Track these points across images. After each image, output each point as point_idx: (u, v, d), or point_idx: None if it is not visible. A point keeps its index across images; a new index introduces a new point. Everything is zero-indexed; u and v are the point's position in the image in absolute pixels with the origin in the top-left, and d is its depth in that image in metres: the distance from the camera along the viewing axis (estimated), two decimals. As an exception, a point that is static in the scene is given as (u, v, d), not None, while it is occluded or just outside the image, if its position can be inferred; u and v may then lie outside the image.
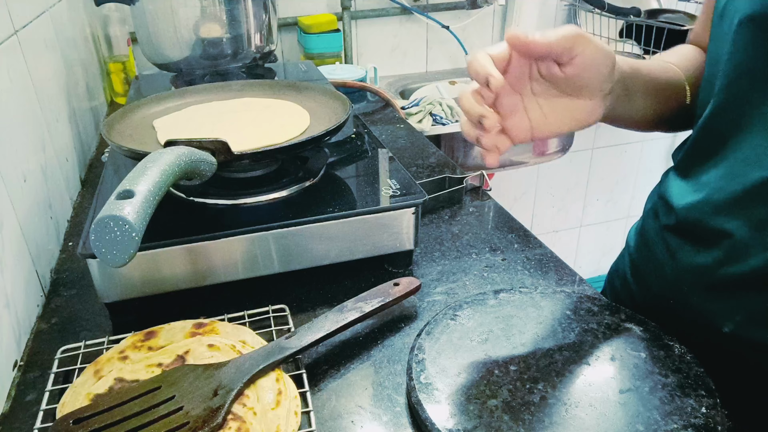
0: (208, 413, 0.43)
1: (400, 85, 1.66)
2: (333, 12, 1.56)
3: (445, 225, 0.77)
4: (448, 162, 0.95)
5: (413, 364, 0.50)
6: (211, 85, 0.84)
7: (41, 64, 0.80)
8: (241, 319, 0.57)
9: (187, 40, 1.05)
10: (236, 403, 0.45)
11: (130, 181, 0.45)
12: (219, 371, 0.47)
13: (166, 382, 0.45)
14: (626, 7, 1.63)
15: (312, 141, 0.63)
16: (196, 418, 0.43)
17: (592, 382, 0.48)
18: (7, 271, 0.56)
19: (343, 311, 0.55)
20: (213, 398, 0.44)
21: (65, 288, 0.66)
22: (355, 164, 0.73)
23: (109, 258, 0.42)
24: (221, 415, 0.43)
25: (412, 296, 0.60)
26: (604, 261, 2.22)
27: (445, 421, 0.45)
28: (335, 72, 1.32)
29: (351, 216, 0.61)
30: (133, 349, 0.52)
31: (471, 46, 1.73)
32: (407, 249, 0.66)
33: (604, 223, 2.15)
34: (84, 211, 0.84)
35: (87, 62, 1.12)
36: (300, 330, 0.52)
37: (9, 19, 0.69)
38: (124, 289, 0.57)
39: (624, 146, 2.05)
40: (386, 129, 1.11)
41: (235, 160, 0.58)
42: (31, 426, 0.46)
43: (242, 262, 0.60)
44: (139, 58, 1.31)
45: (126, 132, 0.70)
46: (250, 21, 1.08)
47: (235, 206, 0.63)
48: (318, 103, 0.78)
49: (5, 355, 0.53)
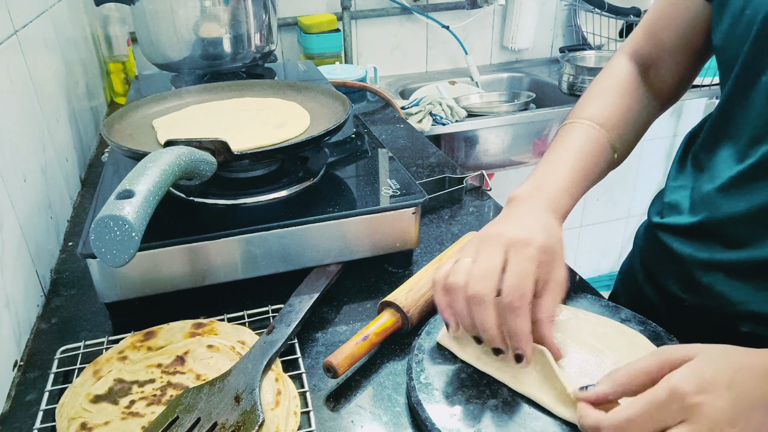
0: (246, 416, 0.43)
1: (400, 85, 1.66)
2: (333, 12, 1.56)
3: (445, 225, 0.77)
4: (448, 162, 0.95)
5: (413, 364, 0.50)
6: (211, 85, 0.84)
7: (41, 64, 0.80)
8: (241, 319, 0.57)
9: (187, 40, 1.05)
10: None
11: (130, 181, 0.45)
12: (226, 381, 0.47)
13: (182, 410, 0.45)
14: (626, 7, 1.63)
15: (312, 141, 0.63)
16: (237, 424, 0.43)
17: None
18: (7, 271, 0.56)
19: (301, 294, 0.58)
20: (239, 404, 0.44)
21: (65, 288, 0.66)
22: (355, 164, 0.73)
23: (109, 258, 0.42)
24: (260, 413, 0.43)
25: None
26: (604, 261, 2.21)
27: (445, 421, 0.45)
28: (335, 72, 1.32)
29: (351, 216, 0.61)
30: (132, 349, 0.52)
31: (471, 46, 1.73)
32: (407, 249, 0.66)
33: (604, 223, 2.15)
34: (84, 211, 0.84)
35: (87, 62, 1.12)
36: (275, 323, 0.54)
37: (9, 19, 0.69)
38: (123, 289, 0.57)
39: (624, 146, 2.05)
40: (386, 129, 1.11)
41: (235, 160, 0.58)
42: (31, 426, 0.46)
43: (242, 262, 0.60)
44: (139, 58, 1.31)
45: (126, 132, 0.70)
46: (250, 21, 1.08)
47: (235, 206, 0.63)
48: (318, 103, 0.78)
49: (5, 355, 0.53)
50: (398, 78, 1.70)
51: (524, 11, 1.71)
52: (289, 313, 0.55)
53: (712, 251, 0.55)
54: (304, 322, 0.55)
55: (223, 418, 0.44)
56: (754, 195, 0.50)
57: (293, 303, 0.57)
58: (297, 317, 0.55)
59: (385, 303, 0.56)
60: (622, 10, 1.62)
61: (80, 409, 0.46)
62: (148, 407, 0.46)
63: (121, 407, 0.46)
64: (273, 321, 0.54)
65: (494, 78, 1.77)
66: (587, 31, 1.78)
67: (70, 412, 0.46)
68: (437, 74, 1.74)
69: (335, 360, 0.49)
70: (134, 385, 0.48)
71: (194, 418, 0.44)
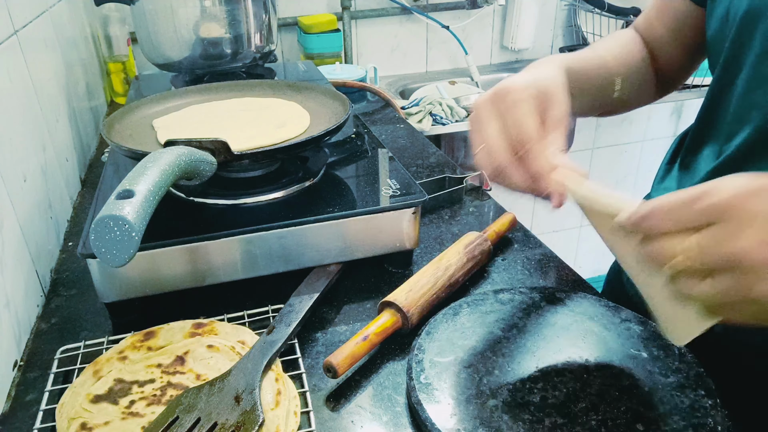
0: (246, 416, 0.43)
1: (400, 85, 1.66)
2: (333, 12, 1.56)
3: (445, 225, 0.77)
4: (448, 162, 0.95)
5: (413, 364, 0.50)
6: (211, 85, 0.84)
7: (41, 64, 0.80)
8: (241, 319, 0.57)
9: (187, 40, 1.05)
10: (236, 403, 0.45)
11: (130, 181, 0.45)
12: (226, 381, 0.47)
13: (182, 411, 0.45)
14: (626, 7, 1.63)
15: (312, 141, 0.63)
16: (237, 424, 0.43)
17: (592, 382, 0.48)
18: (7, 271, 0.56)
19: (301, 294, 0.58)
20: (239, 404, 0.44)
21: (65, 288, 0.66)
22: (355, 164, 0.73)
23: (109, 258, 0.42)
24: (259, 413, 0.43)
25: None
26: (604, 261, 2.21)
27: (445, 421, 0.45)
28: (335, 72, 1.32)
29: (351, 216, 0.61)
30: (132, 349, 0.52)
31: (471, 46, 1.73)
32: (407, 249, 0.66)
33: (604, 223, 2.15)
34: (84, 211, 0.84)
35: (87, 62, 1.12)
36: (275, 323, 0.54)
37: (9, 19, 0.69)
38: (123, 289, 0.57)
39: (624, 146, 2.05)
40: (386, 129, 1.11)
41: (235, 160, 0.58)
42: (31, 426, 0.46)
43: (242, 262, 0.60)
44: (139, 58, 1.31)
45: (126, 132, 0.70)
46: (250, 21, 1.08)
47: (235, 206, 0.63)
48: (318, 103, 0.78)
49: (5, 355, 0.53)
50: (398, 78, 1.70)
51: (524, 11, 1.71)
52: (289, 313, 0.55)
53: None
54: (304, 322, 0.55)
55: (223, 418, 0.44)
56: None
57: (293, 303, 0.57)
58: (297, 317, 0.55)
59: (385, 303, 0.56)
60: (622, 10, 1.62)
61: (80, 409, 0.46)
62: (148, 407, 0.46)
63: (121, 407, 0.46)
64: (273, 321, 0.54)
65: (494, 78, 1.77)
66: (587, 31, 1.78)
67: (70, 412, 0.46)
68: (437, 74, 1.74)
69: (335, 360, 0.49)
70: (134, 385, 0.48)
71: (194, 418, 0.44)
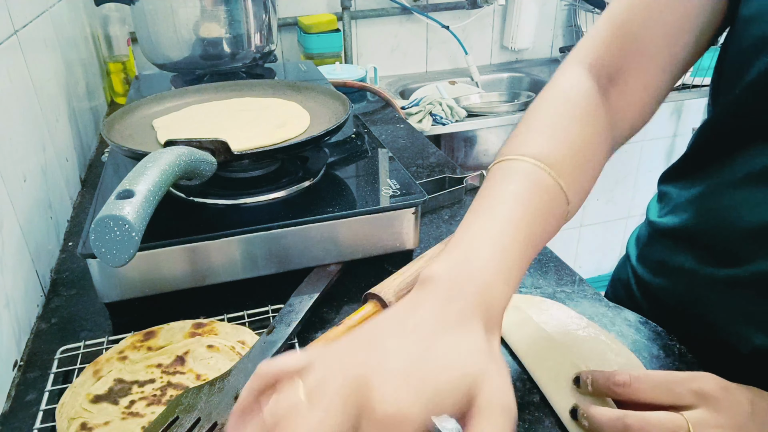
0: None
1: (400, 85, 1.66)
2: (333, 12, 1.56)
3: (445, 225, 0.77)
4: (448, 162, 0.95)
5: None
6: (211, 85, 0.84)
7: (41, 64, 0.80)
8: (241, 319, 0.57)
9: (187, 40, 1.05)
10: (236, 403, 0.45)
11: (130, 181, 0.45)
12: (226, 381, 0.47)
13: (182, 411, 0.44)
14: (626, 7, 1.63)
15: (312, 141, 0.63)
16: None
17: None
18: (7, 271, 0.56)
19: (301, 294, 0.58)
20: None
21: (65, 288, 0.66)
22: (355, 164, 0.73)
23: (109, 258, 0.42)
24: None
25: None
26: (604, 261, 2.21)
27: (445, 421, 0.45)
28: (335, 72, 1.32)
29: (351, 216, 0.61)
30: (132, 349, 0.52)
31: (471, 46, 1.74)
32: (407, 249, 0.66)
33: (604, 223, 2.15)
34: (84, 211, 0.84)
35: (87, 62, 1.12)
36: (275, 323, 0.54)
37: (9, 19, 0.69)
38: (123, 289, 0.57)
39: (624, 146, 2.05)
40: (386, 129, 1.11)
41: (235, 160, 0.58)
42: (31, 426, 0.46)
43: (242, 262, 0.60)
44: (139, 58, 1.31)
45: (126, 132, 0.70)
46: (250, 21, 1.08)
47: (235, 206, 0.63)
48: (318, 103, 0.78)
49: (5, 355, 0.53)
50: (398, 78, 1.71)
51: (524, 11, 1.71)
52: (289, 313, 0.55)
53: (699, 261, 0.54)
54: (304, 322, 0.55)
55: (223, 418, 0.43)
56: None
57: (293, 303, 0.57)
58: (297, 317, 0.55)
59: (369, 295, 0.56)
60: (622, 10, 1.62)
61: (80, 409, 0.46)
62: (148, 407, 0.46)
63: (121, 407, 0.46)
64: (273, 321, 0.54)
65: (494, 78, 1.77)
66: (587, 31, 1.78)
67: (70, 412, 0.46)
68: (437, 74, 1.74)
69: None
70: (134, 385, 0.48)
71: (194, 418, 0.44)
